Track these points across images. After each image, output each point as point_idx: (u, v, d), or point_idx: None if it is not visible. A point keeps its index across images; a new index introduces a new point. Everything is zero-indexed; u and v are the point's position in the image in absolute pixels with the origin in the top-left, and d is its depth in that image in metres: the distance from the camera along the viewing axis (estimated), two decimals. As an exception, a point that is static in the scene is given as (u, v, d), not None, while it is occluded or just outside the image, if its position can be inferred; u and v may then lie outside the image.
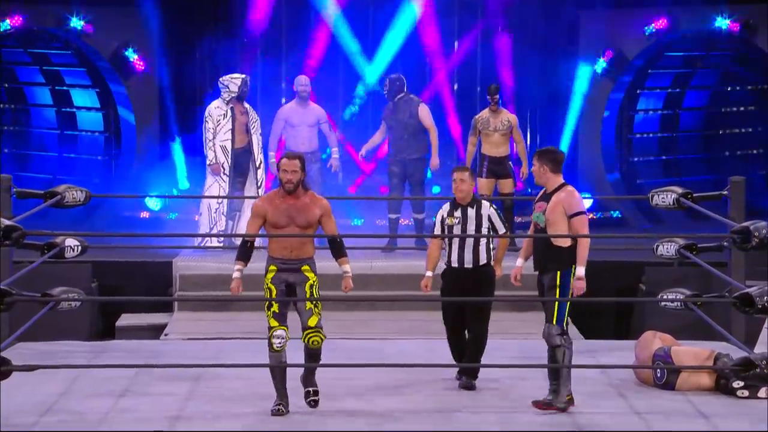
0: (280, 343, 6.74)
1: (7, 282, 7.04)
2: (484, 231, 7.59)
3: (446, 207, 7.68)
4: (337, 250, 6.96)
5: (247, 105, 11.81)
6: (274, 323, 6.77)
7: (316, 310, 6.83)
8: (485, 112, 11.32)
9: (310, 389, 6.86)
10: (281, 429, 6.55)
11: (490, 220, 7.61)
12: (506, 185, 11.23)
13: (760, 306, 6.53)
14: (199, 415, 6.80)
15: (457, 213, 7.60)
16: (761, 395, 7.12)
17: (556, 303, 6.85)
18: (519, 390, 7.30)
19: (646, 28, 14.78)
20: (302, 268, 6.86)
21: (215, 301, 10.39)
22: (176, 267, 10.87)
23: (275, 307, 6.78)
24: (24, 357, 7.86)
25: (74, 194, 8.58)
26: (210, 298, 10.49)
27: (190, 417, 6.77)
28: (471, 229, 7.57)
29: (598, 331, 10.14)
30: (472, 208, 7.61)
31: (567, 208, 6.93)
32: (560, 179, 7.03)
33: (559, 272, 6.90)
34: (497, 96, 11.21)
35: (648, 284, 10.39)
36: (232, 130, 11.58)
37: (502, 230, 7.66)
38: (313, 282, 6.88)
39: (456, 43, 14.87)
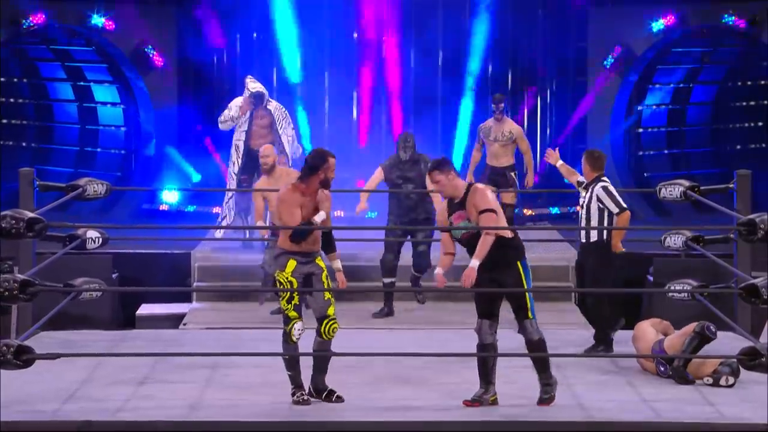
0: (299, 334, 6.74)
1: (30, 273, 7.05)
2: (593, 209, 8.31)
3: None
4: (332, 244, 6.89)
5: (272, 106, 11.43)
6: (294, 315, 6.74)
7: (332, 300, 6.84)
8: (489, 121, 10.96)
9: (329, 389, 6.81)
10: (297, 418, 6.55)
11: (598, 199, 8.31)
12: (507, 196, 10.75)
13: (766, 297, 6.50)
14: (217, 402, 6.80)
15: (584, 189, 8.46)
16: (722, 383, 7.14)
17: (527, 296, 6.70)
18: (529, 380, 7.28)
19: (653, 24, 14.75)
20: (316, 259, 6.86)
21: (232, 291, 10.40)
22: (194, 258, 10.90)
23: (296, 300, 6.75)
24: (47, 345, 7.88)
25: (95, 187, 8.60)
26: (227, 290, 10.50)
27: (207, 404, 6.77)
28: (584, 203, 8.43)
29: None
30: (588, 188, 8.41)
31: (477, 206, 6.67)
32: (464, 182, 6.78)
33: (519, 262, 6.73)
34: (502, 105, 10.87)
35: (656, 275, 10.37)
36: (248, 132, 11.34)
37: (611, 207, 8.26)
38: (326, 272, 6.88)
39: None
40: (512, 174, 10.97)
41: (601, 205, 8.34)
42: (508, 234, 6.72)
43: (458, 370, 7.46)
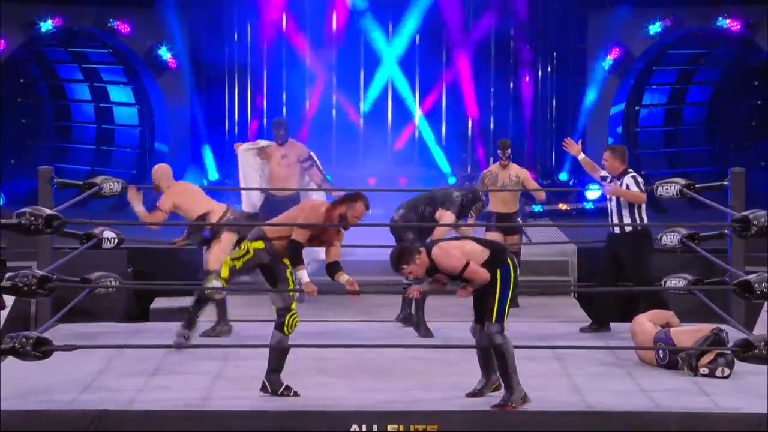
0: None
1: (48, 269, 7.06)
2: (622, 200, 8.55)
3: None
4: (336, 266, 6.70)
5: (285, 148, 9.92)
6: (226, 274, 6.72)
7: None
8: (494, 167, 10.11)
9: (285, 384, 6.69)
10: (306, 408, 6.54)
11: (628, 188, 8.53)
12: (513, 241, 10.00)
13: (758, 292, 6.49)
14: (227, 393, 6.80)
15: (611, 183, 8.66)
16: (718, 374, 7.12)
17: (496, 300, 6.42)
18: (528, 370, 7.27)
19: (651, 27, 14.75)
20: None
21: (242, 289, 10.38)
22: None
23: (242, 263, 6.72)
24: (64, 338, 7.89)
25: (111, 185, 8.61)
26: (238, 289, 10.48)
27: (218, 395, 6.77)
28: (613, 197, 8.61)
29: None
30: (618, 179, 8.61)
31: (454, 270, 6.41)
32: (424, 254, 6.42)
33: (498, 269, 6.44)
34: (509, 151, 10.00)
35: (653, 270, 10.34)
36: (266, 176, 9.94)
37: (634, 190, 8.51)
38: (291, 269, 6.73)
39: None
40: (518, 220, 10.31)
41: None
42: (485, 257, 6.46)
43: (461, 361, 7.45)
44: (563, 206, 14.43)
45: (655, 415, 6.32)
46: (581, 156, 8.93)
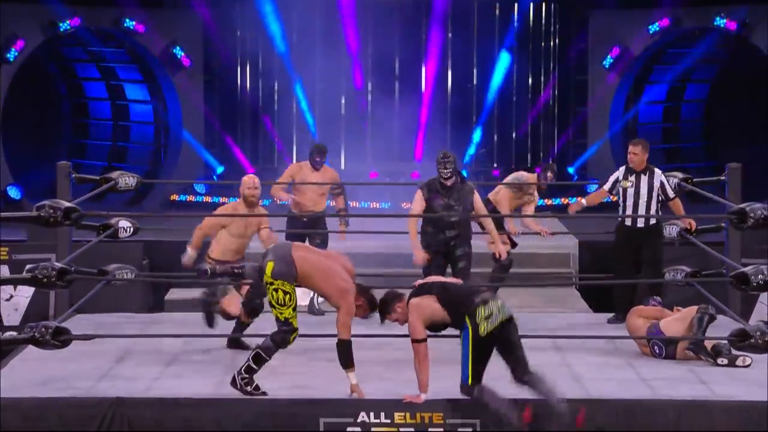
0: None
1: (66, 260, 7.06)
2: (655, 194, 8.24)
3: (622, 170, 8.31)
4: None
5: (322, 174, 9.29)
6: (296, 325, 6.43)
7: None
8: (531, 178, 8.96)
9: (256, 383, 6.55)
10: (319, 396, 6.54)
11: (661, 184, 8.24)
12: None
13: (754, 284, 6.48)
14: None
15: (632, 178, 8.25)
16: (738, 363, 7.09)
17: (461, 358, 6.07)
18: (529, 360, 7.24)
19: (650, 26, 14.73)
20: None
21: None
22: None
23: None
24: (82, 327, 7.89)
25: (127, 180, 8.60)
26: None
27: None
28: (643, 192, 8.23)
29: (606, 305, 10.08)
30: (645, 174, 8.24)
31: (410, 332, 6.24)
32: (404, 301, 6.26)
33: (466, 316, 6.09)
34: (551, 175, 8.94)
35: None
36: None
37: (670, 193, 8.27)
38: None
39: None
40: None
41: (660, 191, 8.37)
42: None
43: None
44: (565, 200, 14.42)
45: (654, 404, 6.31)
46: (584, 201, 8.53)
